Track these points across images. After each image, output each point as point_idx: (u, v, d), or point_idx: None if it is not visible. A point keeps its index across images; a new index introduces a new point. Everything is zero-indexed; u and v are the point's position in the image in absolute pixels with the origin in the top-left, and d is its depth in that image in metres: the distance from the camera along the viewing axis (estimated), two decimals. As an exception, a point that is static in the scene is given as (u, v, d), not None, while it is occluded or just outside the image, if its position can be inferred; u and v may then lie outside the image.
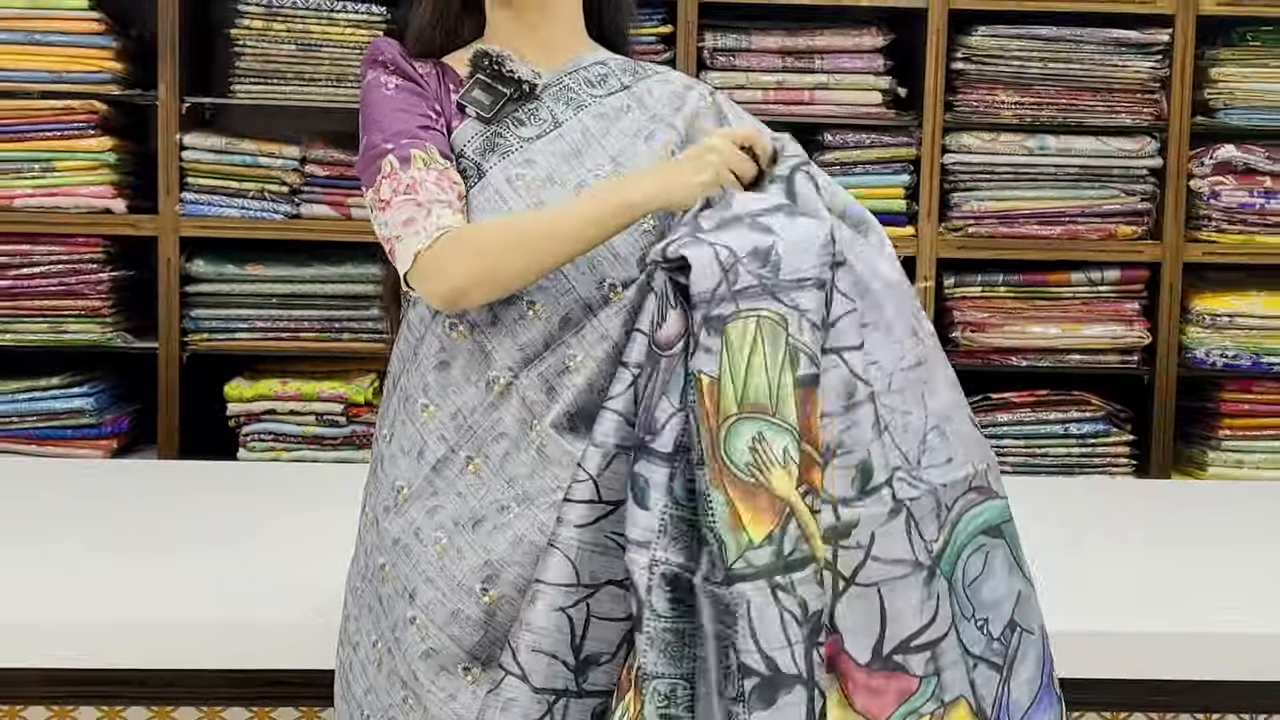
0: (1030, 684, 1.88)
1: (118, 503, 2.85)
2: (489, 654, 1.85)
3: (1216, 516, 2.97)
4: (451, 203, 1.87)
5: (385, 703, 1.90)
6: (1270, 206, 3.77)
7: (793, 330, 1.72)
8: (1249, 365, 3.78)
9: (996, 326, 3.77)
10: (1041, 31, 3.73)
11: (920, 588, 1.78)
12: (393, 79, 1.98)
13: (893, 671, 1.77)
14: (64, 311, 3.70)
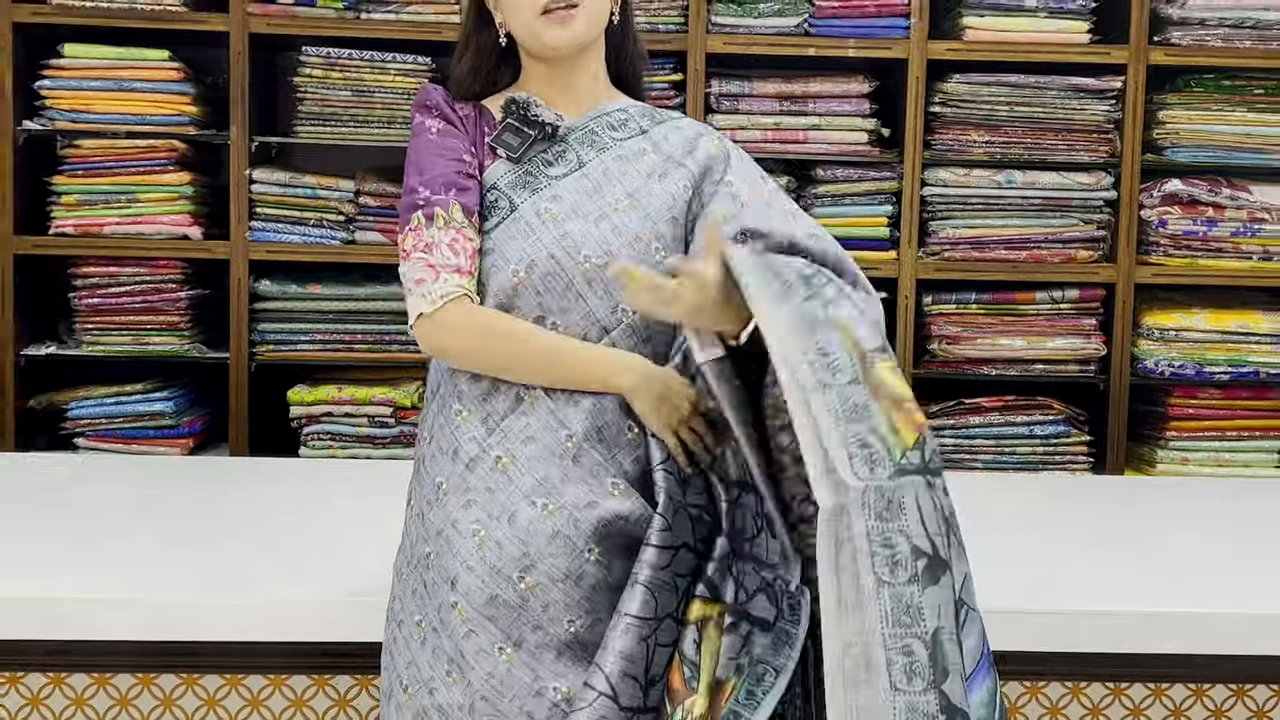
0: (974, 652, 1.87)
1: (193, 494, 2.86)
2: (521, 636, 1.85)
3: (1164, 509, 2.98)
4: (460, 266, 1.89)
5: (426, 675, 1.89)
6: (1212, 233, 3.77)
7: (851, 330, 1.74)
8: (1193, 374, 3.78)
9: (969, 340, 3.78)
10: (1009, 79, 3.73)
11: None
12: (436, 122, 1.99)
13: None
14: (147, 326, 3.73)
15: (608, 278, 1.90)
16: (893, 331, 3.75)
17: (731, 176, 2.00)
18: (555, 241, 1.92)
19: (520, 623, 1.85)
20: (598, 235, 1.92)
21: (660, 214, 1.96)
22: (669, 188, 1.97)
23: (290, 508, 2.77)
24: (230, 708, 2.27)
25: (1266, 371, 3.79)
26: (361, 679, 2.26)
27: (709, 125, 2.07)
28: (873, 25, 3.71)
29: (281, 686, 2.27)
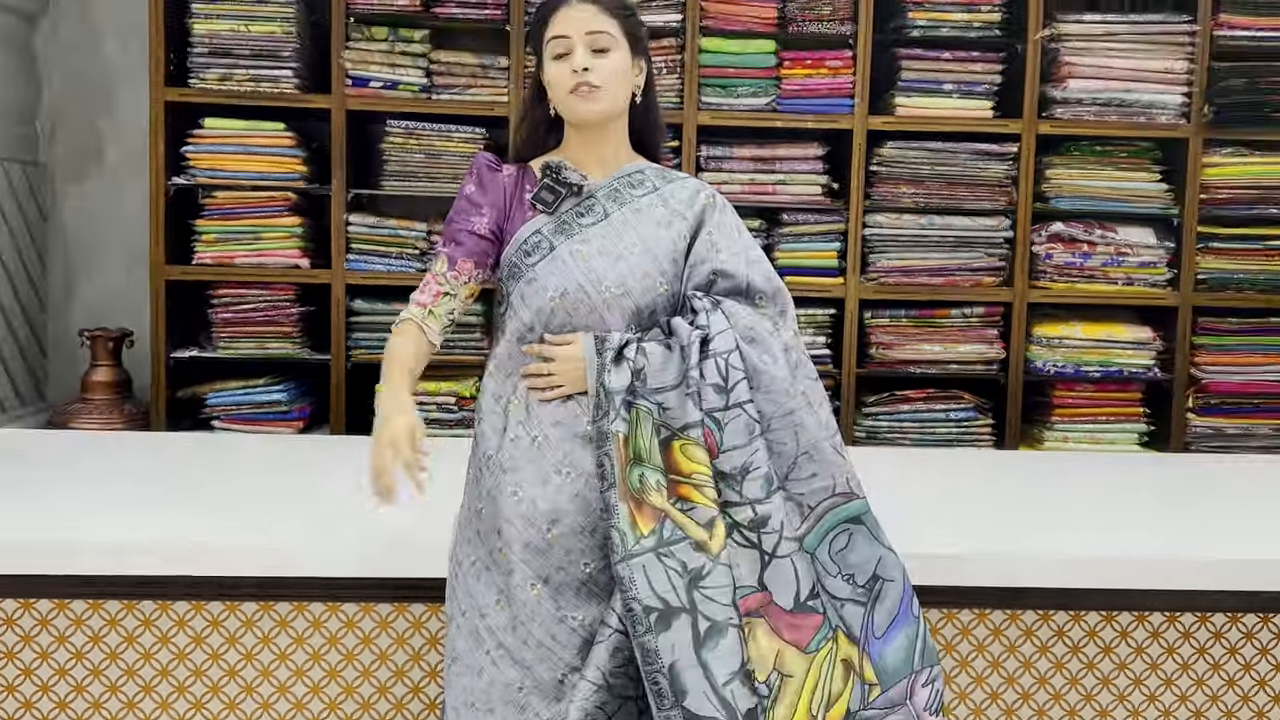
0: (888, 613, 1.89)
1: (302, 464, 2.87)
2: (548, 575, 1.86)
3: (1050, 476, 2.98)
4: (421, 301, 2.01)
5: (480, 603, 1.90)
6: (1086, 264, 3.77)
7: (657, 416, 1.85)
8: (1072, 372, 3.78)
9: (900, 346, 3.78)
10: (931, 145, 3.74)
11: (804, 559, 1.86)
12: (473, 185, 2.02)
13: (806, 613, 1.83)
14: (267, 334, 3.74)
15: (621, 303, 1.92)
16: (840, 339, 3.76)
17: (712, 226, 2.00)
18: (584, 275, 1.92)
19: (547, 564, 1.86)
20: (616, 271, 1.93)
21: (664, 256, 1.96)
22: (672, 234, 1.97)
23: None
24: (330, 628, 2.27)
25: (1128, 370, 3.79)
26: (431, 606, 2.25)
27: (705, 183, 2.07)
28: (825, 104, 3.71)
29: (370, 612, 2.27)
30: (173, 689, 2.26)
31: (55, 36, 4.03)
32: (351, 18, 3.64)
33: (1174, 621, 2.34)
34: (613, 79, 1.94)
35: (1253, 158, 3.78)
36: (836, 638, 1.84)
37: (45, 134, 4.06)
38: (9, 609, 2.23)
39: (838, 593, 1.87)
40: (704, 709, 1.72)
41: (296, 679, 2.27)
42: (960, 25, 3.72)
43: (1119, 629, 2.34)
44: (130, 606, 2.24)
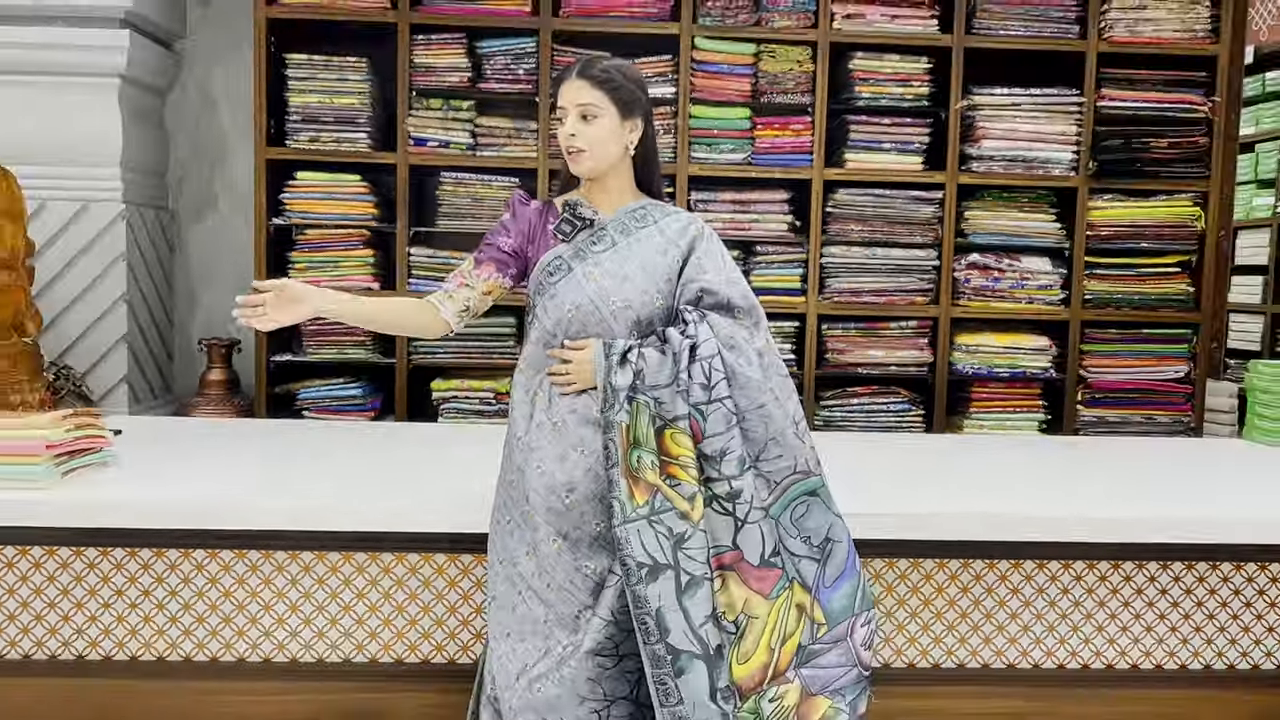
0: (837, 568, 1.90)
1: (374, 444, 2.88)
2: (567, 532, 1.87)
3: (969, 454, 2.98)
4: (446, 289, 2.01)
5: (513, 554, 1.91)
6: (997, 287, 3.77)
7: (653, 408, 1.84)
8: (986, 373, 3.78)
9: (850, 352, 3.78)
10: (873, 191, 3.74)
11: (770, 523, 1.87)
12: (508, 216, 2.04)
13: (769, 568, 1.83)
14: (346, 342, 3.74)
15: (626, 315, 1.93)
16: (803, 347, 3.76)
17: (700, 252, 2.00)
18: (595, 292, 1.93)
19: (566, 523, 1.87)
20: (621, 290, 1.94)
21: (661, 276, 1.96)
22: (667, 260, 1.97)
23: (433, 451, 2.79)
24: (397, 573, 2.27)
25: (1030, 371, 3.79)
26: (478, 555, 2.26)
27: (696, 216, 2.07)
28: (790, 158, 3.71)
29: (429, 559, 2.28)
30: (274, 621, 2.27)
31: (180, 108, 4.05)
32: (413, 91, 3.65)
33: (1068, 567, 2.35)
34: (597, 142, 1.94)
35: (1128, 202, 3.78)
36: (792, 587, 1.85)
37: (173, 185, 4.08)
38: (144, 556, 2.24)
39: (796, 551, 1.87)
40: (682, 644, 1.74)
41: (371, 613, 2.28)
42: (896, 97, 3.73)
43: (1024, 574, 2.35)
44: (240, 554, 2.25)
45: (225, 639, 2.27)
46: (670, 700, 1.74)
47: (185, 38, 4.01)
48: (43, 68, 3.55)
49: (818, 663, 1.85)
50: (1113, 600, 2.36)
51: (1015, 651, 2.35)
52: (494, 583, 1.95)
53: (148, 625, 2.25)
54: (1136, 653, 2.37)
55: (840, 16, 3.67)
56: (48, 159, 3.57)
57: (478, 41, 3.65)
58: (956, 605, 2.34)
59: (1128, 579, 2.36)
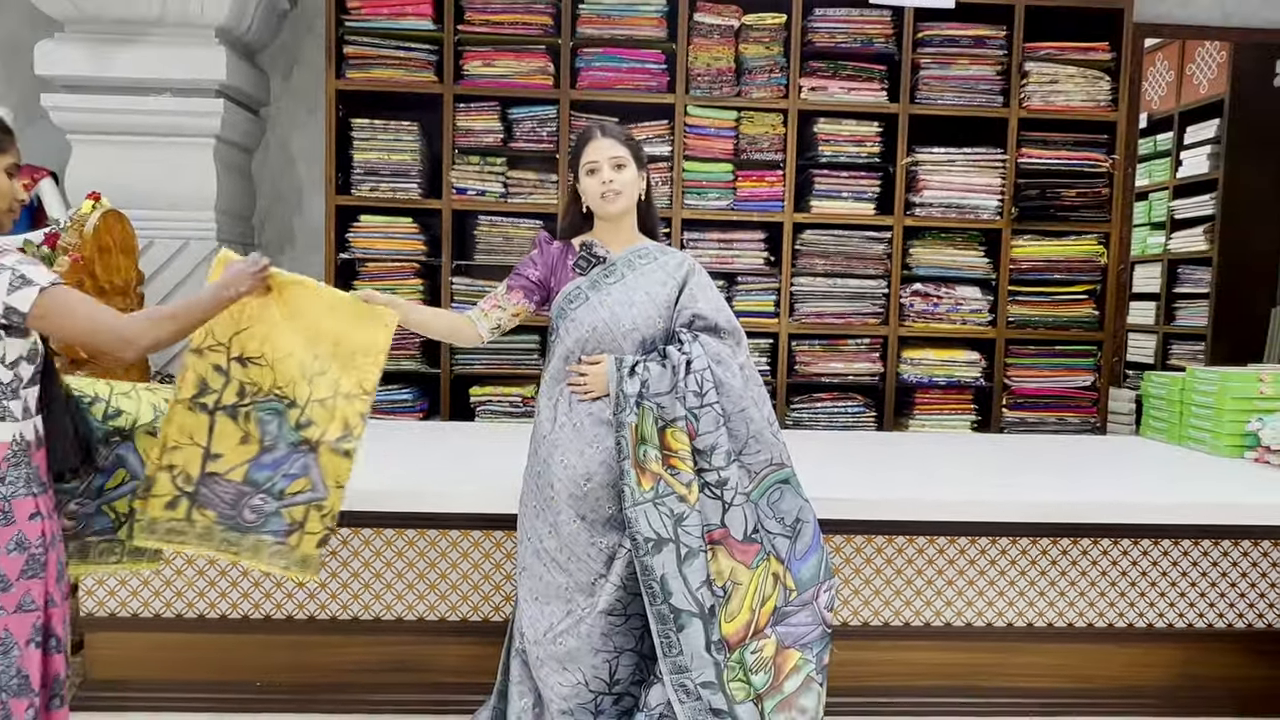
0: (805, 544, 1.89)
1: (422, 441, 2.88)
2: (585, 514, 1.86)
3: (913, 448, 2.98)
4: (483, 308, 2.01)
5: (539, 532, 1.91)
6: (936, 311, 3.75)
7: (656, 411, 1.83)
8: (927, 382, 3.77)
9: (815, 364, 3.77)
10: (835, 232, 3.72)
11: (752, 506, 1.85)
12: (534, 251, 2.03)
13: (751, 543, 1.83)
14: (398, 355, 3.71)
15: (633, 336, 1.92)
16: (776, 360, 3.76)
17: (693, 284, 2.00)
18: (608, 316, 1.93)
19: (584, 507, 1.87)
20: (629, 315, 1.94)
21: (662, 304, 1.96)
22: (666, 290, 1.97)
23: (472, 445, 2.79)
24: (441, 546, 2.27)
25: (963, 380, 3.78)
26: (509, 532, 2.27)
27: (687, 254, 2.07)
28: (766, 204, 3.71)
29: (468, 535, 2.28)
30: (361, 586, 2.27)
31: (265, 162, 4.06)
32: (456, 149, 3.65)
33: (995, 542, 2.35)
34: (629, 185, 1.96)
35: (1044, 241, 3.78)
36: (769, 560, 1.85)
37: (258, 226, 4.09)
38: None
39: (772, 529, 1.87)
40: (683, 605, 1.74)
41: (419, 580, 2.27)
42: (852, 154, 3.73)
43: (959, 548, 2.35)
44: (380, 530, 2.25)
45: (299, 600, 2.26)
46: (672, 651, 1.74)
47: (269, 105, 4.03)
48: (153, 130, 3.57)
49: (789, 622, 1.86)
50: (1032, 570, 2.36)
51: (951, 612, 2.35)
52: (523, 555, 1.95)
53: (257, 589, 2.25)
54: (1052, 614, 2.37)
55: (807, 89, 3.68)
56: (156, 204, 3.59)
57: (509, 109, 3.66)
58: (903, 574, 2.34)
59: (1044, 552, 2.36)
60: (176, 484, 1.67)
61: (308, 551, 1.66)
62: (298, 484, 1.67)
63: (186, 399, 1.68)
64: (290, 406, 1.71)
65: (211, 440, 1.67)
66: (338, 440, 1.69)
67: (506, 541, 2.28)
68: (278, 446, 1.68)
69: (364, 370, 1.74)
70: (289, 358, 1.73)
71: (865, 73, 3.70)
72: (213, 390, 1.67)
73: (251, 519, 1.65)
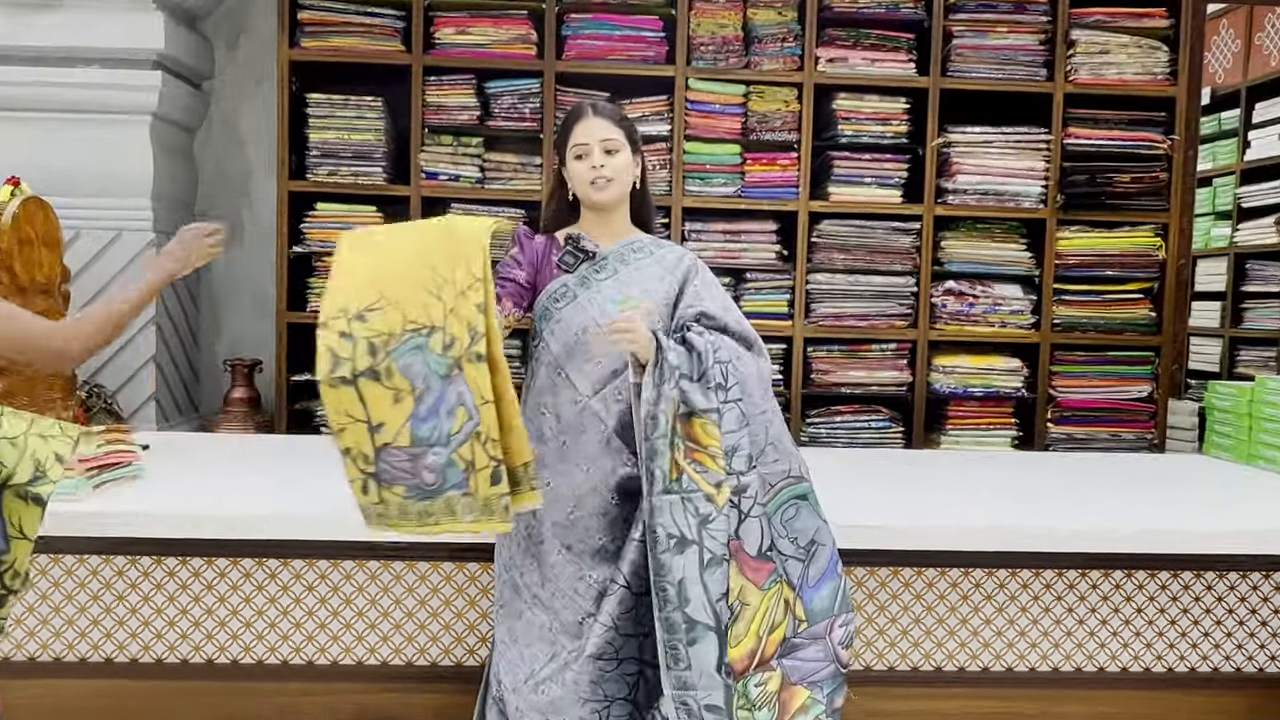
0: (819, 570, 1.90)
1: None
2: (571, 544, 1.87)
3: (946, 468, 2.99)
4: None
5: (519, 563, 1.91)
6: (971, 312, 3.78)
7: (680, 396, 1.81)
8: (961, 392, 3.79)
9: (834, 371, 3.79)
10: (853, 222, 3.75)
11: (767, 519, 1.86)
12: (515, 249, 2.04)
13: (764, 561, 1.83)
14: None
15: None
16: (790, 367, 3.76)
17: (697, 281, 2.01)
18: (599, 315, 1.94)
19: (571, 536, 1.87)
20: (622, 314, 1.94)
21: (660, 301, 1.98)
22: (664, 287, 1.98)
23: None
24: (408, 580, 2.27)
25: (1003, 390, 3.80)
26: (483, 564, 2.26)
27: (687, 249, 2.08)
28: (777, 191, 3.73)
29: (438, 568, 2.27)
30: (291, 625, 2.26)
31: (208, 143, 4.06)
32: (425, 128, 3.67)
33: (1038, 575, 2.35)
34: (622, 171, 1.98)
35: (1093, 233, 3.80)
36: (781, 584, 1.85)
37: (200, 215, 4.09)
38: (169, 564, 2.24)
39: (784, 550, 1.88)
40: (700, 616, 1.74)
41: (383, 619, 2.27)
42: (876, 134, 3.75)
43: (998, 581, 2.35)
44: (260, 562, 2.25)
45: (245, 643, 2.26)
46: (679, 665, 1.74)
47: (213, 78, 4.04)
48: (80, 106, 3.57)
49: (797, 655, 1.86)
50: (1080, 606, 2.36)
51: (988, 655, 2.35)
52: (502, 590, 1.94)
53: (172, 629, 2.24)
54: (1103, 657, 2.37)
55: (824, 60, 3.69)
56: (83, 190, 3.59)
57: (486, 82, 3.67)
58: (933, 611, 2.34)
59: (1094, 587, 2.36)
60: (359, 466, 1.67)
61: (486, 493, 1.62)
62: (458, 419, 1.64)
63: (325, 377, 1.67)
64: (430, 334, 1.66)
65: (368, 411, 1.66)
66: (469, 346, 1.64)
67: (482, 575, 2.28)
68: (430, 387, 1.64)
69: (472, 256, 1.67)
70: (412, 284, 1.69)
71: (891, 42, 3.72)
72: (345, 360, 1.66)
73: (431, 480, 1.64)
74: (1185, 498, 2.59)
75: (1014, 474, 2.89)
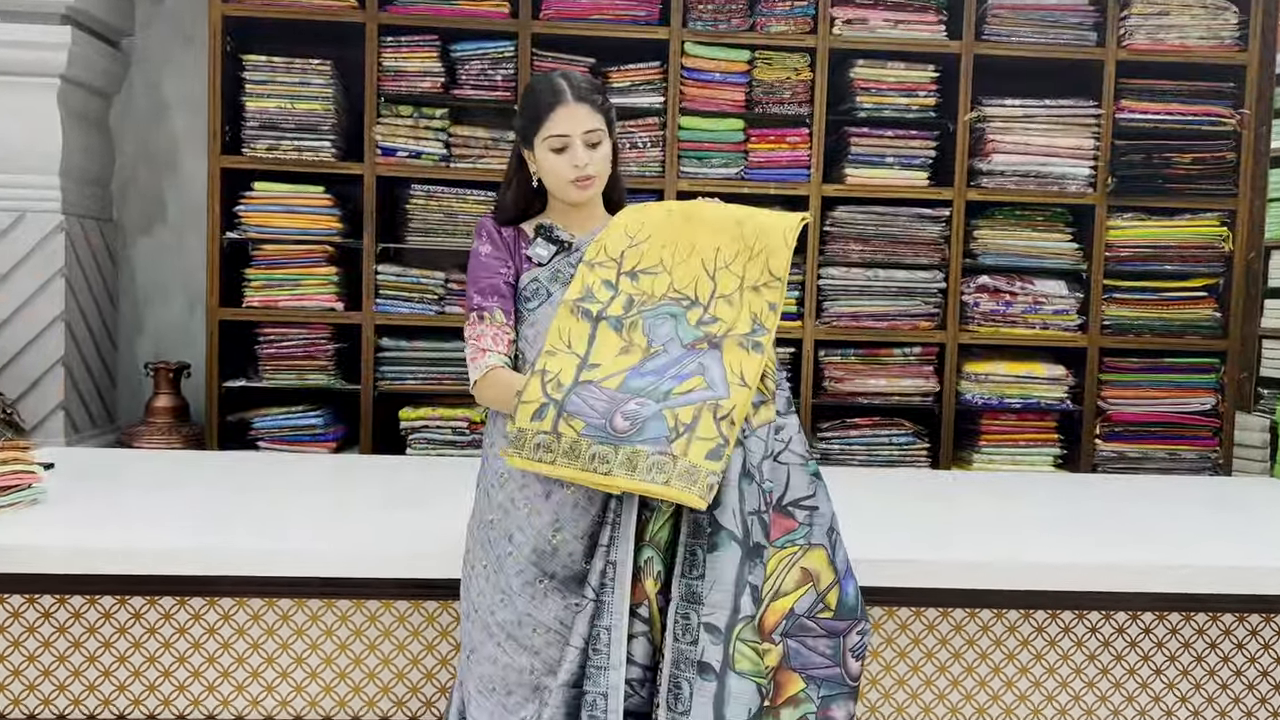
0: (844, 560, 1.91)
1: (335, 480, 2.86)
2: (554, 571, 1.86)
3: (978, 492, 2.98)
4: (497, 351, 1.94)
5: (490, 602, 1.89)
6: (1008, 312, 3.79)
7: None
8: (996, 404, 3.79)
9: (849, 379, 3.79)
10: (875, 208, 3.76)
11: (806, 474, 1.87)
12: (486, 246, 2.01)
13: (786, 516, 1.83)
14: (306, 367, 3.73)
15: None
16: (799, 374, 3.76)
17: None
18: None
19: (554, 563, 1.86)
20: None
21: None
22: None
23: (401, 487, 2.77)
24: (355, 621, 2.25)
25: (1044, 402, 3.80)
26: (443, 603, 2.24)
27: None
28: (786, 173, 3.73)
29: (390, 608, 2.26)
30: (218, 674, 2.25)
31: (128, 111, 4.04)
32: (382, 97, 3.66)
33: (1083, 617, 2.34)
34: (605, 166, 1.98)
35: (1149, 221, 3.81)
36: (810, 550, 1.84)
37: (118, 195, 4.07)
38: (75, 604, 2.21)
39: (802, 521, 1.88)
40: (726, 521, 1.74)
41: (326, 666, 2.25)
42: (900, 108, 3.75)
43: (1035, 624, 2.34)
44: (182, 602, 2.23)
45: (164, 695, 2.24)
46: (692, 572, 1.74)
47: (133, 35, 4.02)
48: (-22, 68, 3.55)
49: (805, 639, 1.85)
50: (1131, 654, 2.35)
51: (1025, 710, 2.34)
52: (470, 633, 1.93)
53: (77, 680, 2.22)
54: (1157, 712, 2.36)
55: (841, 22, 3.69)
56: (-18, 166, 3.57)
57: (452, 45, 3.66)
58: (961, 659, 2.33)
59: (1147, 631, 2.35)
60: (546, 390, 1.80)
61: (695, 461, 1.71)
62: (689, 383, 1.79)
63: (572, 300, 1.91)
64: (691, 306, 1.90)
65: (591, 349, 1.86)
66: (747, 335, 1.84)
67: (441, 615, 2.27)
68: (669, 350, 1.84)
69: (773, 251, 1.90)
70: (690, 258, 1.93)
71: (918, 0, 3.72)
72: (598, 300, 1.90)
73: (624, 426, 1.74)
74: (1256, 528, 2.59)
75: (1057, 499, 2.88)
